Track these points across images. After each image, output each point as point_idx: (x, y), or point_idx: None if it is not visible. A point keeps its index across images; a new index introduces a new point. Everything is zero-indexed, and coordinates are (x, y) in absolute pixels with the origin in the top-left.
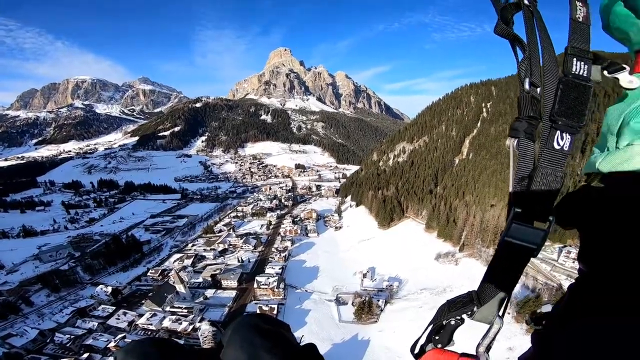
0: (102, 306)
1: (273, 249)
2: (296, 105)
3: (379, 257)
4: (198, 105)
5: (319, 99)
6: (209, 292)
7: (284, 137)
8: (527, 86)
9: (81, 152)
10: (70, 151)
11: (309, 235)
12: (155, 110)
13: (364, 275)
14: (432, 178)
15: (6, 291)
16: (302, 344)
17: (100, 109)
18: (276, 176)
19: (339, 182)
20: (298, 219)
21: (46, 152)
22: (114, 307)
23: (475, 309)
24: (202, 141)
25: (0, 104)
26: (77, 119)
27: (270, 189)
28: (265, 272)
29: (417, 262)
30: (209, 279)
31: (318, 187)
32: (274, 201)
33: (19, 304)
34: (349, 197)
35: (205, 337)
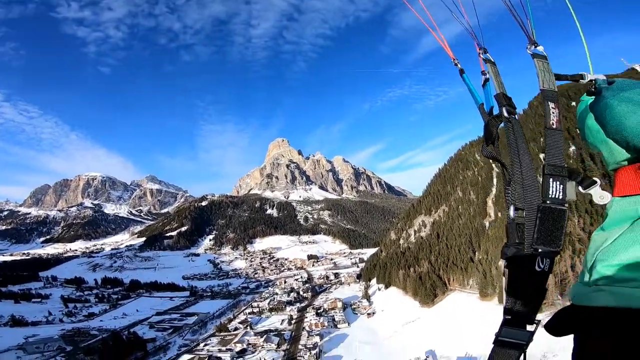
0: None
1: (300, 346)
2: (300, 197)
3: (433, 338)
4: (204, 203)
5: (321, 187)
6: None
7: (292, 230)
8: (512, 214)
9: (87, 251)
10: (76, 250)
11: (339, 326)
12: (163, 211)
13: None
14: (467, 245)
15: None
16: None
17: (109, 209)
18: (289, 269)
19: (357, 267)
20: (322, 310)
21: (52, 250)
22: None
23: None
24: (210, 239)
25: (14, 199)
26: (85, 218)
27: (285, 282)
28: None
29: (489, 333)
30: None
31: (336, 275)
32: (292, 294)
33: None
34: (373, 281)
35: None
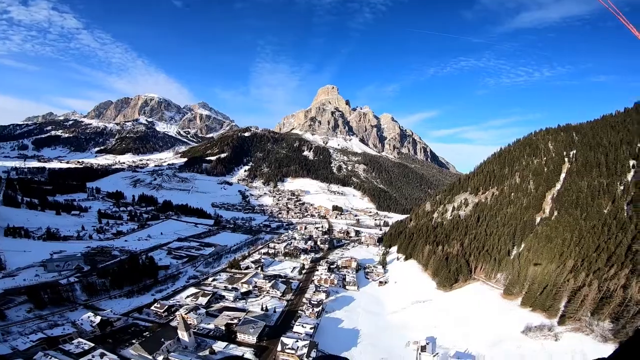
0: (79, 340)
1: (304, 300)
2: (338, 145)
3: (439, 325)
4: (247, 134)
5: (362, 141)
6: (218, 346)
7: (323, 176)
8: None
9: (133, 165)
10: (124, 163)
11: (347, 287)
12: (208, 136)
13: (422, 348)
14: (509, 237)
15: None
16: None
17: (160, 127)
18: (312, 215)
19: (380, 229)
20: (335, 266)
21: (104, 160)
22: (93, 344)
23: None
24: (245, 170)
25: (80, 111)
26: (138, 133)
27: (305, 228)
28: (294, 330)
29: (497, 335)
30: (223, 327)
31: (357, 233)
32: (309, 242)
33: None
34: (394, 248)
35: None
